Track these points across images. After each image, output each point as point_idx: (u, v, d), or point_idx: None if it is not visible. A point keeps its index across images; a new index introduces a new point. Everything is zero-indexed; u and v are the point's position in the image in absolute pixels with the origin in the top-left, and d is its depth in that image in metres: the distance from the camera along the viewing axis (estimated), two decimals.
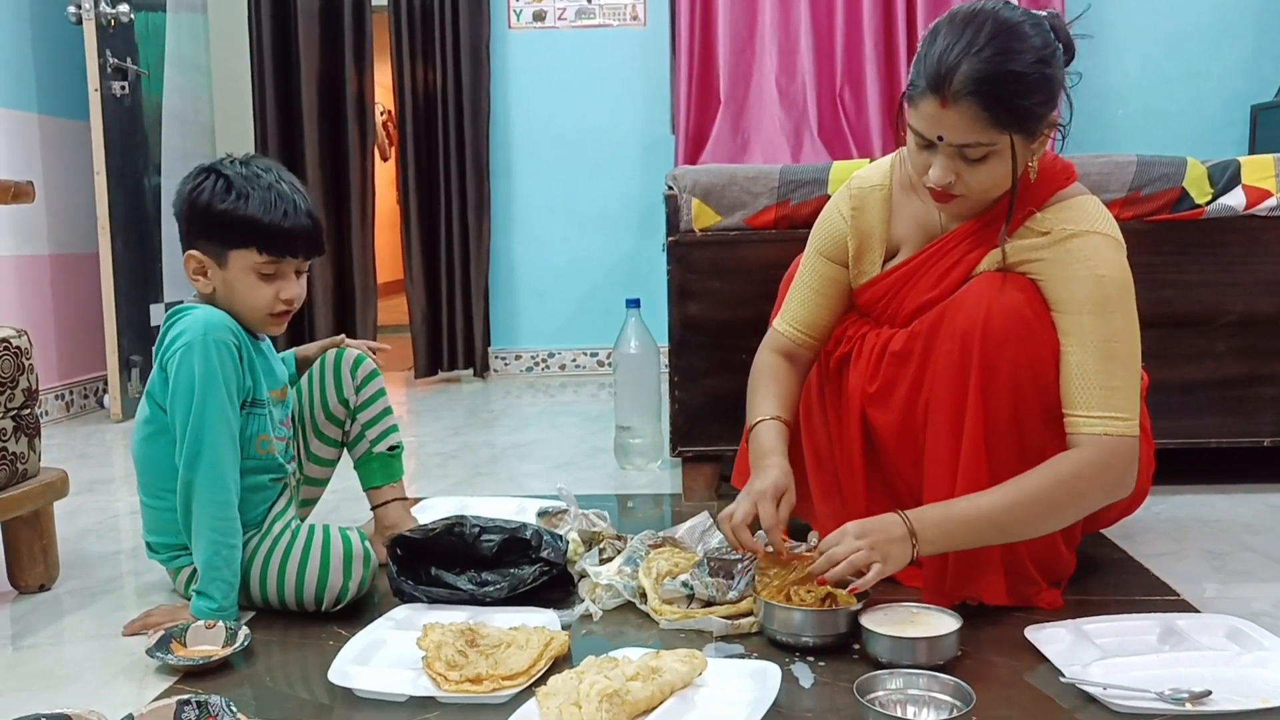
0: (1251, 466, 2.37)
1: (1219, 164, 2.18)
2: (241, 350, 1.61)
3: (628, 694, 1.23)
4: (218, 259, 1.64)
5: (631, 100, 4.35)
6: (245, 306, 1.66)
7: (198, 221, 1.64)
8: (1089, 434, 1.44)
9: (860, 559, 1.41)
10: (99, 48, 3.43)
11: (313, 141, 4.25)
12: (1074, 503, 1.46)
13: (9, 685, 1.47)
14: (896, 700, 1.26)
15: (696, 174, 2.27)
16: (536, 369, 4.49)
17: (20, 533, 1.83)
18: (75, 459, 2.98)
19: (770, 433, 1.65)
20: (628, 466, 2.65)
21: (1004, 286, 1.49)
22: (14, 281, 3.45)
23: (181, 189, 1.66)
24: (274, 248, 1.63)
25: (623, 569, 1.69)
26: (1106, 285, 1.45)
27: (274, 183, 1.64)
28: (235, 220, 1.61)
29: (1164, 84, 4.21)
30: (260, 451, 1.67)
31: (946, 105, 1.40)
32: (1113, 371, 1.44)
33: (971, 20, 1.41)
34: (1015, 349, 1.46)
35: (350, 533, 1.65)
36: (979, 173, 1.45)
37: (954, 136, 1.42)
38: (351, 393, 1.85)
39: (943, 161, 1.46)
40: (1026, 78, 1.39)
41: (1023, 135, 1.43)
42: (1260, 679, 1.30)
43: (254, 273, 1.64)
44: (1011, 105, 1.40)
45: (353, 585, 1.61)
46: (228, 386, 1.57)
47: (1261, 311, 2.18)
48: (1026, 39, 1.40)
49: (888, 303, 1.66)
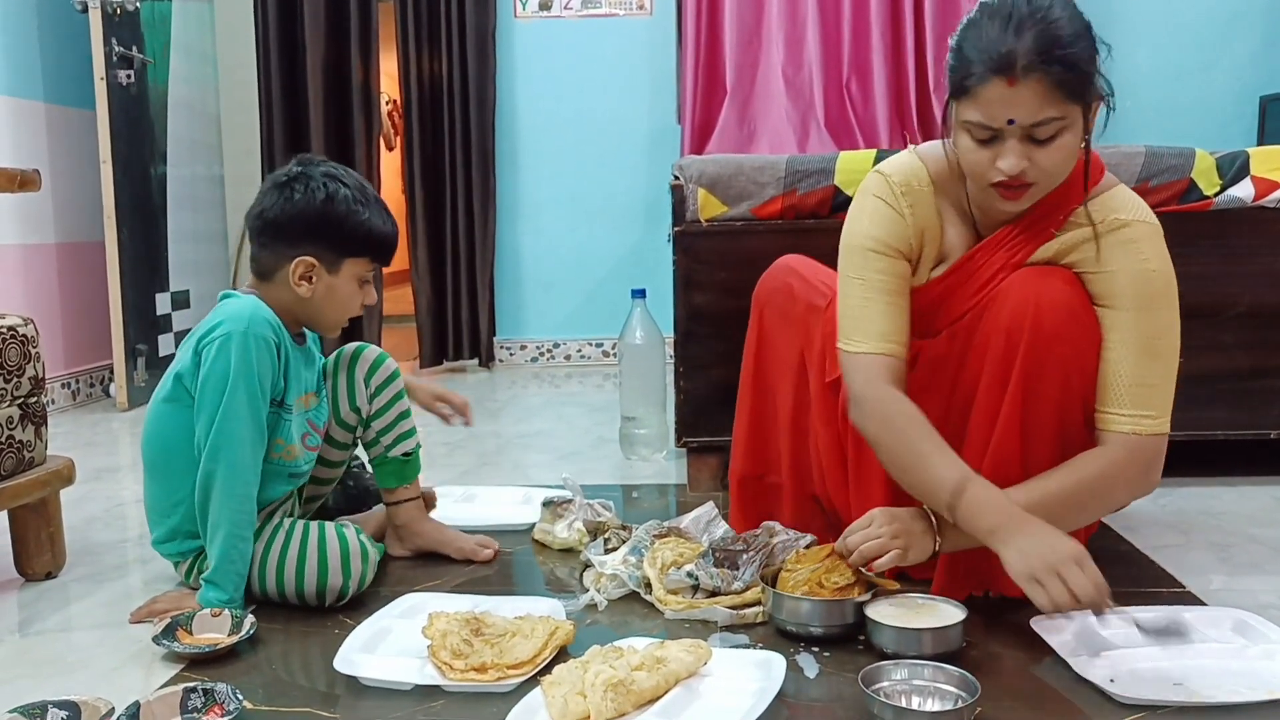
0: (1258, 459, 2.37)
1: (1228, 155, 2.17)
2: (280, 349, 1.62)
3: (633, 683, 1.23)
4: (331, 266, 1.67)
5: (638, 90, 4.35)
6: (336, 311, 1.71)
7: (324, 227, 1.64)
8: (1118, 432, 1.41)
9: (876, 546, 1.41)
10: (105, 36, 3.43)
11: (318, 131, 4.25)
12: (1098, 501, 1.44)
13: (17, 672, 1.47)
14: (901, 691, 1.26)
15: (703, 164, 2.27)
16: (542, 359, 4.50)
17: (27, 520, 1.83)
18: (81, 447, 2.98)
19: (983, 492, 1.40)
20: (633, 457, 2.65)
21: (1051, 279, 1.44)
22: (20, 270, 3.46)
23: (291, 196, 1.64)
24: (382, 257, 1.72)
25: (627, 559, 1.69)
26: (1154, 280, 1.42)
27: (376, 195, 1.71)
28: (363, 230, 1.66)
29: (1173, 75, 4.20)
30: (274, 455, 1.66)
31: (1015, 83, 1.32)
32: (1152, 369, 1.41)
33: (1011, 1, 1.36)
34: (1067, 347, 1.41)
35: (347, 530, 1.65)
36: (1051, 153, 1.37)
37: (1027, 116, 1.34)
38: (365, 401, 1.82)
39: (1014, 147, 1.36)
40: (1083, 42, 1.34)
41: (1084, 107, 1.37)
42: (1266, 671, 1.29)
43: (357, 280, 1.70)
44: (1081, 72, 1.34)
45: (352, 583, 1.61)
46: (261, 383, 1.57)
47: (1269, 303, 2.18)
48: (1067, 6, 1.36)
49: (932, 315, 1.56)
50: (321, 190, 1.64)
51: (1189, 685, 1.27)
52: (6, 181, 1.86)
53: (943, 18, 4.05)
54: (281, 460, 1.68)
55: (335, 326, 1.75)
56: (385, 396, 1.84)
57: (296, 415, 1.69)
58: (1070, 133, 1.37)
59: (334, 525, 1.66)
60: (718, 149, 3.98)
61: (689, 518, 1.83)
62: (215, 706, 1.26)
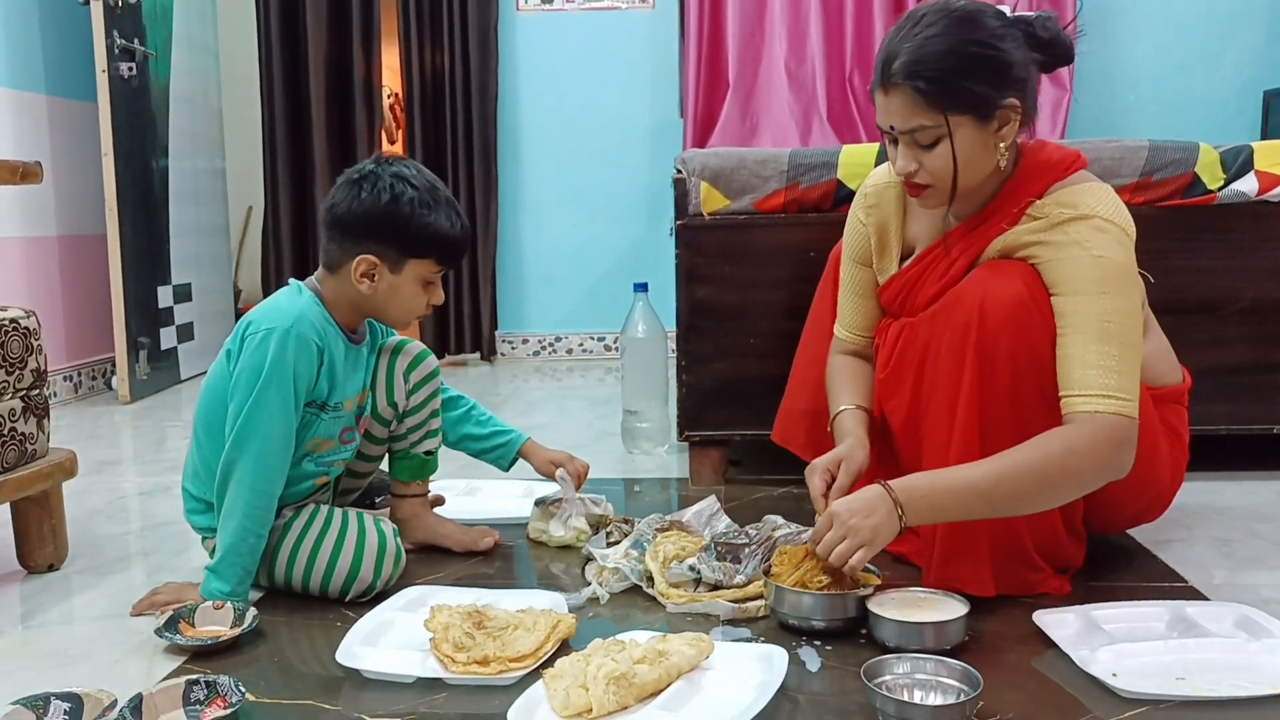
0: (1261, 453, 2.36)
1: (1231, 149, 2.16)
2: (323, 353, 1.62)
3: (635, 676, 1.23)
4: (394, 266, 1.66)
5: (640, 83, 4.34)
6: (401, 310, 1.70)
7: (388, 228, 1.63)
8: (1079, 412, 1.41)
9: (843, 550, 1.41)
10: (107, 29, 3.42)
11: (320, 125, 4.24)
12: (1066, 479, 1.42)
13: (19, 664, 1.48)
14: (903, 684, 1.26)
15: (705, 157, 2.26)
16: (544, 353, 4.49)
17: (30, 513, 1.84)
18: (84, 440, 2.99)
19: (848, 419, 1.69)
20: (635, 451, 2.65)
21: (1002, 274, 1.49)
22: (22, 263, 3.46)
23: (359, 194, 1.64)
24: (448, 260, 1.71)
25: (629, 552, 1.69)
26: (1103, 265, 1.43)
27: (447, 196, 1.69)
28: (428, 233, 1.65)
29: (1176, 69, 4.18)
30: (310, 450, 1.67)
31: (888, 93, 1.47)
32: (1107, 352, 1.41)
33: (916, 13, 1.49)
34: (1012, 336, 1.46)
35: (385, 526, 1.66)
36: (934, 158, 1.48)
37: (899, 122, 1.48)
38: (403, 396, 1.82)
39: (901, 150, 1.51)
40: (958, 57, 1.43)
41: (973, 117, 1.45)
42: (1269, 666, 1.29)
43: (420, 281, 1.69)
44: (945, 85, 1.43)
45: (380, 583, 1.62)
46: (296, 383, 1.58)
47: (1272, 298, 2.17)
48: (968, 24, 1.45)
49: (904, 300, 1.67)
50: (388, 191, 1.63)
51: (1191, 679, 1.27)
52: (8, 174, 1.86)
53: None
54: (314, 453, 1.69)
55: (402, 324, 1.76)
56: (422, 394, 1.84)
57: (340, 416, 1.70)
58: (956, 139, 1.46)
59: (374, 520, 1.66)
60: (720, 142, 3.98)
61: (691, 511, 1.83)
62: (218, 699, 1.26)
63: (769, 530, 1.66)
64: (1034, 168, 1.54)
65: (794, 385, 2.04)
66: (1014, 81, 1.46)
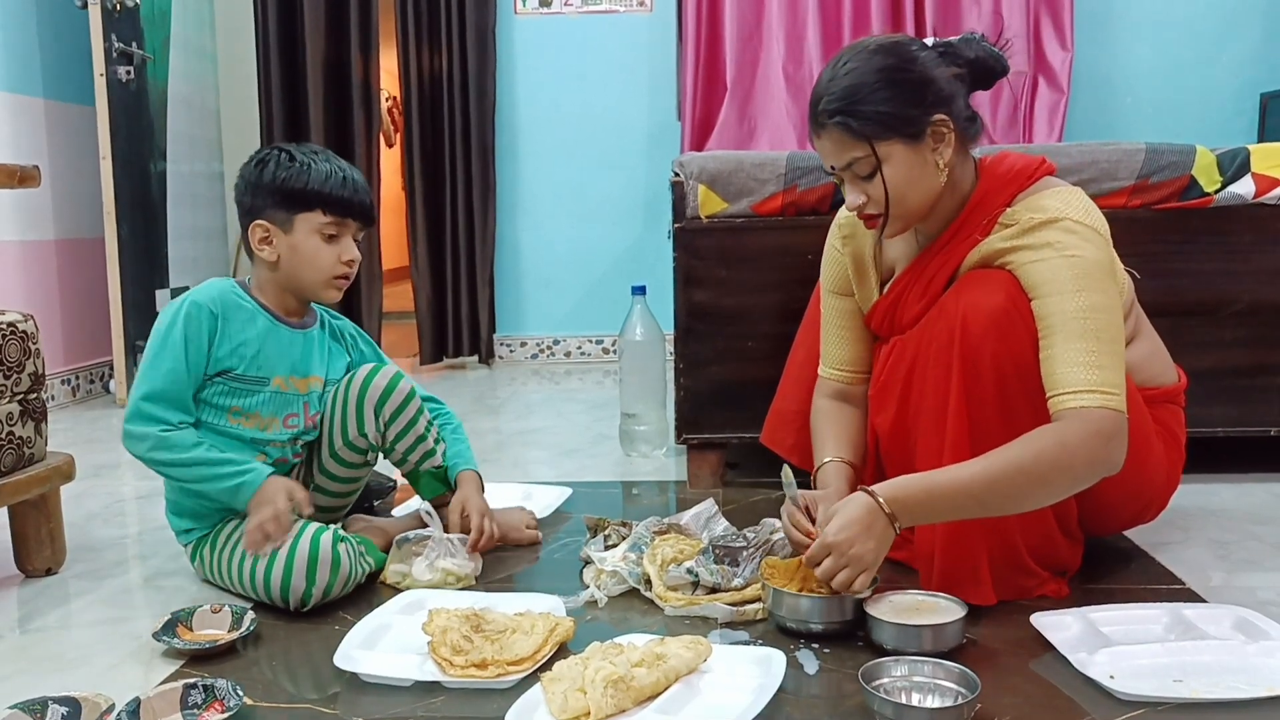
0: (1258, 456, 2.37)
1: (1228, 152, 2.16)
2: (218, 321, 1.70)
3: (632, 680, 1.23)
4: (284, 225, 1.73)
5: (638, 87, 4.34)
6: (310, 269, 1.74)
7: (264, 192, 1.72)
8: (1066, 408, 1.40)
9: (846, 577, 1.40)
10: (104, 32, 3.42)
11: (318, 127, 4.24)
12: (1057, 474, 1.40)
13: (17, 668, 1.48)
14: (901, 687, 1.26)
15: (703, 160, 2.26)
16: (541, 356, 4.49)
17: (27, 517, 1.83)
18: (81, 444, 2.98)
19: (831, 472, 1.67)
20: (633, 453, 2.65)
21: (982, 284, 1.50)
22: (20, 266, 3.46)
23: (245, 171, 1.76)
24: (337, 209, 1.73)
25: (627, 555, 1.69)
26: (1076, 264, 1.43)
27: (330, 157, 1.77)
28: (302, 186, 1.71)
29: (1173, 72, 4.19)
30: (232, 422, 1.72)
31: (820, 135, 1.52)
32: (1089, 348, 1.40)
33: (839, 56, 1.53)
34: (996, 343, 1.46)
35: (324, 537, 1.60)
36: (875, 186, 1.51)
37: (835, 160, 1.53)
38: (375, 430, 1.81)
39: (847, 187, 1.55)
40: (872, 86, 1.47)
41: (900, 139, 1.48)
42: (1266, 668, 1.29)
43: (318, 234, 1.73)
44: (864, 115, 1.47)
45: (316, 591, 1.57)
46: (187, 346, 1.67)
47: (1269, 301, 2.18)
48: (881, 53, 1.50)
49: (890, 322, 1.68)
50: (261, 159, 1.74)
51: (1189, 682, 1.27)
52: (6, 178, 1.86)
53: (943, 15, 4.04)
54: (241, 427, 1.72)
55: (320, 288, 1.77)
56: (401, 422, 1.83)
57: (274, 392, 1.75)
58: (889, 167, 1.49)
59: (315, 529, 1.62)
60: (718, 145, 3.98)
61: (689, 514, 1.83)
62: (215, 703, 1.26)
63: (767, 533, 1.66)
64: (996, 180, 1.56)
65: (785, 386, 2.05)
66: (938, 98, 1.49)
